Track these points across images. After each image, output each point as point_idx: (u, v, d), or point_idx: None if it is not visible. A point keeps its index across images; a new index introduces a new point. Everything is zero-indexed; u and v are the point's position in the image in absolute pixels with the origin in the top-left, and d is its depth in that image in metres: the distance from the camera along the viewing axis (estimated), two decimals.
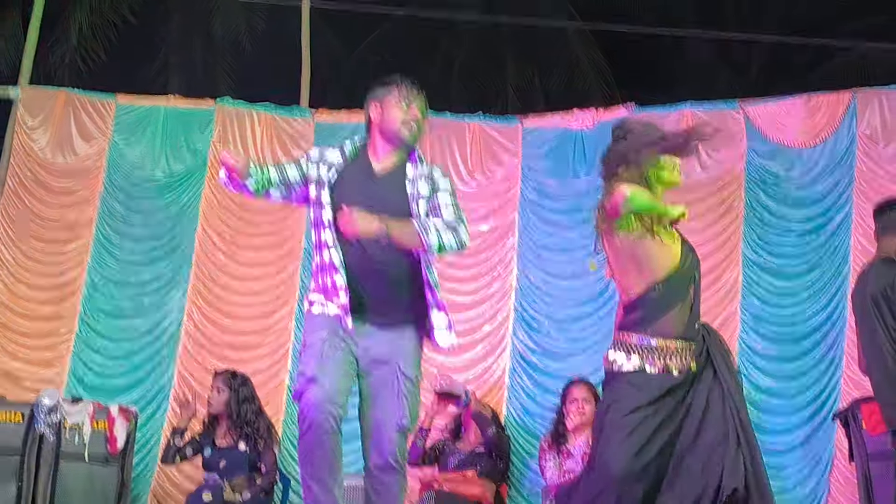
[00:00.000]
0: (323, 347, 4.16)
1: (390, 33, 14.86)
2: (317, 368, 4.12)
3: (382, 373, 4.18)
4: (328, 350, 4.16)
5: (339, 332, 4.18)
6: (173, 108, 8.37)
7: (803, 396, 7.20)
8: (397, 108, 4.37)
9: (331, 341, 4.17)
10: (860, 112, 7.63)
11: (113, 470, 6.59)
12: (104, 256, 8.01)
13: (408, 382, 4.19)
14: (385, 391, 4.17)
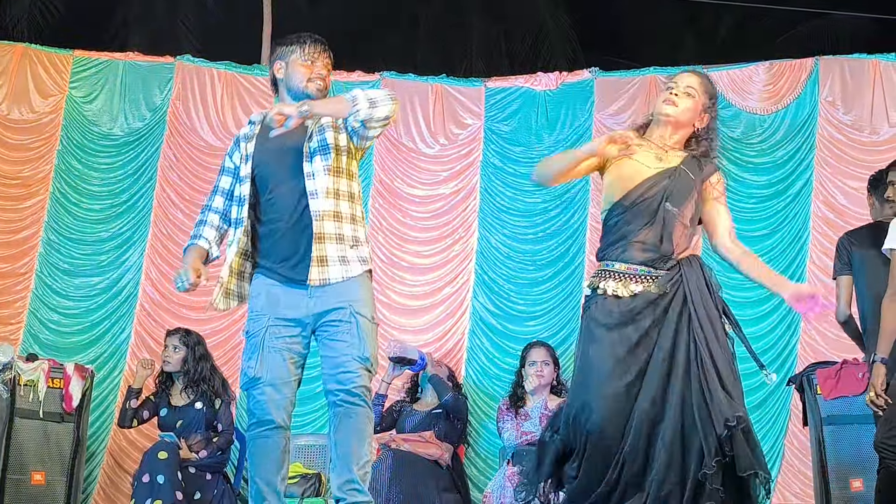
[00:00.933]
0: (264, 338, 4.17)
1: None
2: (259, 364, 4.16)
3: (338, 316, 4.14)
4: (269, 341, 4.17)
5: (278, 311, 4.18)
6: (132, 63, 8.25)
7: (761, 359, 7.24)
8: (302, 66, 4.36)
9: (271, 329, 4.18)
10: (822, 79, 7.66)
11: (68, 427, 6.58)
12: (61, 214, 7.92)
13: (364, 321, 4.15)
14: (343, 330, 4.13)
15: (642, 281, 3.97)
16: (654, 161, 4.09)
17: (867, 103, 7.52)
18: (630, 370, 3.88)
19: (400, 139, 8.18)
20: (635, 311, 3.93)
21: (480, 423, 7.56)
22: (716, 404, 3.83)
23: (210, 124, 8.14)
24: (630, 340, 3.90)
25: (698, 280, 3.98)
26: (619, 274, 4.00)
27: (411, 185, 8.17)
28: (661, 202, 3.99)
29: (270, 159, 4.26)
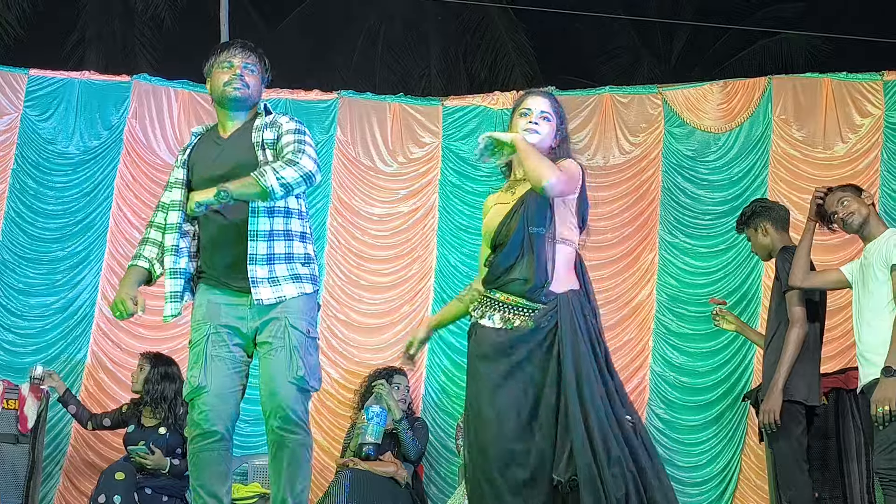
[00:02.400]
0: (206, 347, 4.13)
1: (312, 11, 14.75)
2: (203, 374, 4.10)
3: (272, 331, 4.11)
4: (212, 349, 4.13)
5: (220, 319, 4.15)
6: (88, 82, 8.19)
7: (716, 374, 7.31)
8: (220, 72, 4.31)
9: (213, 337, 4.14)
10: (775, 97, 7.76)
11: (24, 449, 6.52)
12: (16, 233, 7.83)
13: (299, 335, 4.11)
14: (276, 349, 4.09)
15: (517, 313, 3.92)
16: (509, 195, 4.10)
17: (820, 121, 7.63)
18: (498, 405, 3.84)
19: (358, 157, 8.18)
20: (507, 345, 3.89)
21: (440, 441, 7.56)
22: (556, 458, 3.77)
23: (167, 143, 8.10)
24: (499, 374, 3.87)
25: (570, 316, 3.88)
26: (498, 304, 3.97)
27: (369, 203, 8.17)
28: (525, 230, 3.96)
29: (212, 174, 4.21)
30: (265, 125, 4.27)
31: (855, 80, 7.63)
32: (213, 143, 4.33)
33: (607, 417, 3.79)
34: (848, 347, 6.76)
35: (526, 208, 3.98)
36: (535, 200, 3.97)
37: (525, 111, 4.16)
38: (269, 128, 4.26)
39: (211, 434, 4.08)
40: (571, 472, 3.70)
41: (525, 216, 3.97)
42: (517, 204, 4.02)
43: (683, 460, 7.35)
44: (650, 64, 15.31)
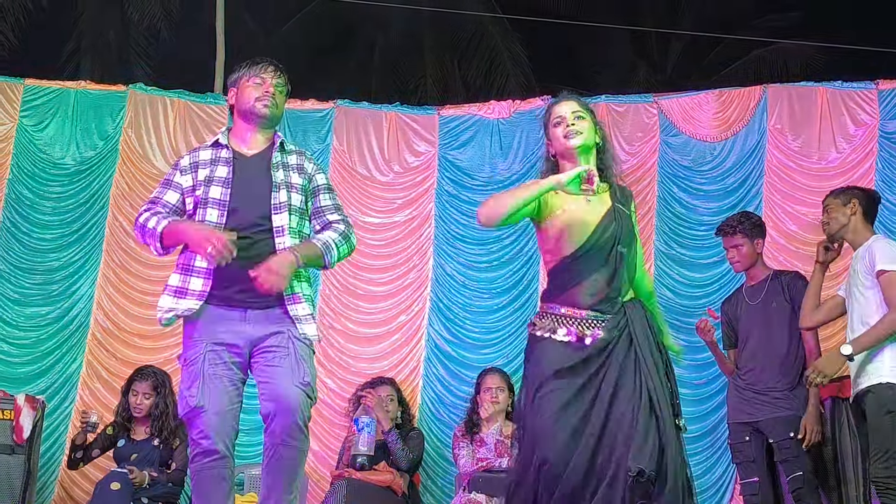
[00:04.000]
0: (203, 366, 4.08)
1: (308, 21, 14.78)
2: (201, 393, 4.05)
3: (275, 342, 4.10)
4: (209, 368, 4.08)
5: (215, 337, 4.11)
6: (84, 92, 8.20)
7: (710, 386, 7.30)
8: (251, 88, 4.33)
9: (209, 355, 4.10)
10: (771, 107, 7.75)
11: (19, 459, 6.50)
12: (11, 243, 7.83)
13: (302, 345, 4.12)
14: (280, 356, 4.08)
15: (590, 326, 3.95)
16: (591, 208, 4.07)
17: (815, 130, 7.63)
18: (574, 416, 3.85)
19: (354, 167, 8.19)
20: (582, 358, 3.91)
21: (436, 450, 7.55)
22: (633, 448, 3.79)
23: (163, 152, 8.10)
24: (576, 386, 3.88)
25: (642, 323, 3.97)
26: (567, 318, 3.99)
27: (366, 212, 8.17)
28: (615, 246, 4.00)
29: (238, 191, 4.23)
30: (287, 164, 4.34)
31: (850, 89, 7.64)
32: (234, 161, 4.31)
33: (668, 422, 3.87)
34: None
35: (619, 227, 4.03)
36: (624, 221, 4.05)
37: (557, 120, 4.19)
38: (293, 169, 4.33)
39: (212, 453, 4.05)
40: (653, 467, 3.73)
41: (617, 235, 4.02)
42: (608, 217, 4.04)
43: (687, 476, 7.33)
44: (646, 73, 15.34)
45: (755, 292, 6.14)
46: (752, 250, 6.13)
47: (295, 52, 14.19)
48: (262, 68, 4.37)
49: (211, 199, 4.21)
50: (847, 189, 5.60)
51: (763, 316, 6.03)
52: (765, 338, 6.00)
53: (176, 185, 4.33)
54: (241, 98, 4.36)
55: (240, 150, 4.35)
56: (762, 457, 5.96)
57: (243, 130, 4.39)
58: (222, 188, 4.22)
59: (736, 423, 6.05)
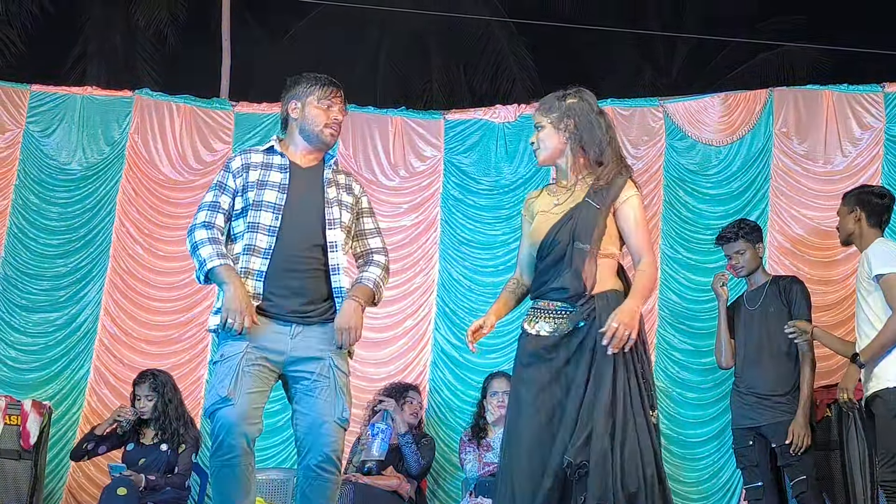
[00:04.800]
0: (241, 362, 4.11)
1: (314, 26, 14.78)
2: (232, 386, 4.07)
3: (315, 369, 4.15)
4: (245, 364, 4.11)
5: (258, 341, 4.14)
6: (90, 98, 8.21)
7: (718, 390, 7.29)
8: (318, 110, 4.35)
9: (248, 354, 4.13)
10: (776, 110, 7.74)
11: (26, 465, 6.52)
12: (18, 249, 7.85)
13: (342, 376, 4.18)
14: (321, 387, 4.14)
15: (557, 317, 4.05)
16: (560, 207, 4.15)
17: (821, 134, 7.61)
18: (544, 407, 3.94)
19: (360, 172, 8.19)
20: (549, 348, 4.01)
21: (443, 455, 7.54)
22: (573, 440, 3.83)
23: (169, 158, 8.11)
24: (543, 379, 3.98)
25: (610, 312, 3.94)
26: (542, 311, 4.12)
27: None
28: (570, 243, 4.05)
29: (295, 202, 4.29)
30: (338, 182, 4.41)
31: (856, 92, 7.62)
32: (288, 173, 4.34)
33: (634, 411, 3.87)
34: None
35: (575, 224, 4.06)
36: (584, 217, 4.06)
37: None
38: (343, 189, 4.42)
39: (234, 448, 4.07)
40: (584, 457, 3.75)
41: (573, 232, 4.05)
42: (565, 217, 4.10)
43: (687, 475, 7.33)
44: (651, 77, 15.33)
45: (754, 297, 6.20)
46: (754, 255, 6.20)
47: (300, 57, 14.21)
48: (333, 93, 4.39)
49: (266, 203, 4.24)
50: (852, 194, 5.61)
51: (761, 321, 6.08)
52: (764, 342, 6.05)
53: (229, 190, 4.36)
54: (307, 118, 4.37)
55: (294, 162, 4.39)
56: (766, 461, 5.98)
57: (300, 146, 4.43)
58: (277, 193, 4.27)
59: (739, 429, 6.07)
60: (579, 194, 4.14)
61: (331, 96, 4.37)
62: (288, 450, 7.54)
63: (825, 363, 6.71)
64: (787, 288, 6.10)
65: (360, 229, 4.50)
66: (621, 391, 3.85)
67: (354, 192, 4.49)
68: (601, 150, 4.15)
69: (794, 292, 6.04)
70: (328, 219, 4.26)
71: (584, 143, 4.16)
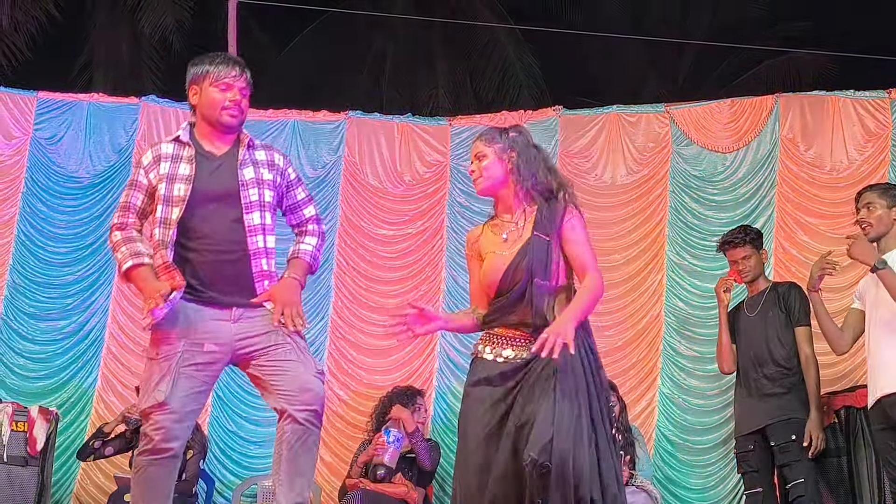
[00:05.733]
0: (177, 363, 4.02)
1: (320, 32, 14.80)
2: (168, 390, 3.99)
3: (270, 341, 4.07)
4: (182, 365, 4.03)
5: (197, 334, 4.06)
6: (97, 104, 8.23)
7: (724, 396, 7.27)
8: (214, 91, 4.18)
9: (185, 354, 4.03)
10: (783, 116, 7.73)
11: (33, 471, 6.53)
12: (26, 257, 7.86)
13: (300, 340, 4.11)
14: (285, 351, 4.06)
15: (516, 344, 4.03)
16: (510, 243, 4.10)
17: (827, 140, 7.59)
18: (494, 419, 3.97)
19: (366, 179, 8.20)
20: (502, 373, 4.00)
21: (449, 462, 7.52)
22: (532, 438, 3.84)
23: None
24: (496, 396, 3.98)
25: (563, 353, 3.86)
26: (499, 338, 4.08)
27: (377, 224, 8.18)
28: (529, 281, 4.00)
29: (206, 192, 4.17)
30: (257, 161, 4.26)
31: (862, 98, 7.61)
32: (198, 161, 4.19)
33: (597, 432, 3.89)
34: (858, 366, 6.75)
35: (530, 261, 4.02)
36: (538, 252, 4.03)
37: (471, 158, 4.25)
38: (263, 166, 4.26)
39: (164, 451, 4.00)
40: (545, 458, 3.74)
41: (530, 269, 4.02)
42: (518, 256, 4.05)
43: (692, 482, 7.32)
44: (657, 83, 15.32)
45: (754, 303, 6.23)
46: (758, 261, 6.25)
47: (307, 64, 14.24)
48: (227, 70, 4.20)
49: (175, 198, 4.10)
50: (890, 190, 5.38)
51: (761, 326, 6.11)
52: (763, 347, 6.06)
53: (140, 185, 4.21)
54: (204, 102, 4.20)
55: (205, 149, 4.23)
56: (767, 467, 5.98)
57: (208, 132, 4.26)
58: (185, 185, 4.10)
59: (741, 435, 6.10)
60: (527, 228, 4.10)
61: (227, 76, 4.17)
62: None
63: (832, 370, 6.72)
64: (785, 294, 6.13)
65: (293, 202, 4.35)
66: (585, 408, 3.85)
67: (278, 165, 4.29)
68: (541, 181, 4.15)
69: (792, 297, 6.08)
70: (244, 202, 4.12)
71: (524, 174, 4.14)
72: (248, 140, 4.29)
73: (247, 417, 7.66)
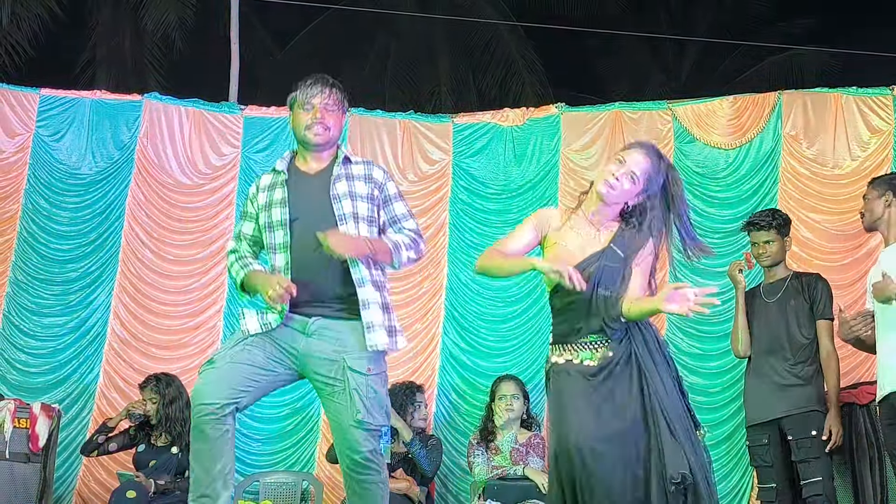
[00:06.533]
0: (246, 338, 4.16)
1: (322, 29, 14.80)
2: (223, 353, 4.15)
3: (329, 373, 4.15)
4: (249, 343, 4.14)
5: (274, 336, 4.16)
6: (99, 101, 8.24)
7: (727, 393, 7.28)
8: (300, 113, 4.32)
9: (257, 339, 4.15)
10: (785, 113, 7.72)
11: (35, 468, 6.53)
12: (28, 253, 7.87)
13: (356, 376, 4.14)
14: (337, 391, 4.14)
15: (596, 348, 4.06)
16: (584, 245, 4.14)
17: (829, 137, 7.59)
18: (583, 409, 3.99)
19: None
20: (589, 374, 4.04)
21: (451, 458, 7.54)
22: (666, 457, 3.88)
23: (178, 162, 8.13)
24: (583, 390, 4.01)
25: (644, 339, 4.07)
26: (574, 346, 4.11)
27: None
28: (595, 289, 4.04)
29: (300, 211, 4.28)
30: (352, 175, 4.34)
31: (864, 95, 7.60)
32: (296, 181, 4.34)
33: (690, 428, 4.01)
34: (860, 363, 6.76)
35: (601, 271, 4.07)
36: (609, 265, 4.08)
37: (617, 162, 4.20)
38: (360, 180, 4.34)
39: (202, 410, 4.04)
40: (687, 472, 3.83)
41: (597, 279, 4.05)
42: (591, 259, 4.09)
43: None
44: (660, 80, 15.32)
45: (773, 290, 6.16)
46: (781, 247, 6.20)
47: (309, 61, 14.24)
48: (309, 91, 4.33)
49: (274, 222, 4.27)
50: (884, 179, 5.53)
51: (780, 313, 6.06)
52: (783, 334, 6.02)
53: (249, 216, 4.44)
54: (294, 125, 4.37)
55: (302, 170, 4.38)
56: (781, 462, 5.94)
57: (303, 153, 4.41)
58: (281, 209, 4.26)
59: (754, 425, 6.04)
60: (605, 237, 4.16)
61: (310, 96, 4.31)
62: (296, 453, 7.57)
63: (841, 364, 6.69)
64: (811, 284, 6.09)
65: (392, 216, 4.42)
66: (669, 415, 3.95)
67: (375, 180, 4.38)
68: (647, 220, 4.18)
69: (818, 289, 6.05)
70: (337, 215, 4.22)
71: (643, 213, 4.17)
72: (344, 157, 4.38)
73: (250, 414, 7.65)
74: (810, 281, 6.13)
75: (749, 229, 6.29)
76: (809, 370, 5.95)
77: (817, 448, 5.78)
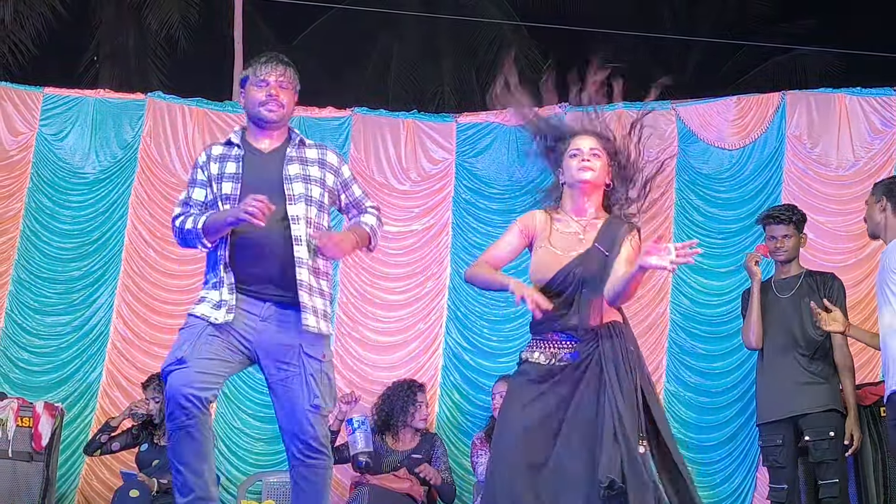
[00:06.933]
0: (205, 330, 4.08)
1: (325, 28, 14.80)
2: (189, 349, 4.03)
3: (288, 357, 4.12)
4: (209, 333, 4.07)
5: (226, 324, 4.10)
6: (103, 100, 8.24)
7: (730, 394, 7.28)
8: (254, 90, 4.28)
9: (214, 327, 4.09)
10: (789, 113, 7.72)
11: (38, 467, 6.55)
12: (31, 252, 7.87)
13: (313, 362, 4.13)
14: (291, 376, 4.11)
15: (563, 347, 4.07)
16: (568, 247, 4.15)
17: (833, 137, 7.58)
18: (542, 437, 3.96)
19: (372, 175, 8.19)
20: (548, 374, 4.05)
21: (454, 458, 7.53)
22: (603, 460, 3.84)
23: (181, 161, 8.12)
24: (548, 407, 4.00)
25: (613, 345, 4.02)
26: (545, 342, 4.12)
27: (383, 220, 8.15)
28: (578, 290, 4.06)
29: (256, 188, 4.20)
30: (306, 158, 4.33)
31: (868, 96, 7.60)
32: (248, 159, 4.30)
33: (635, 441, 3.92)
34: (864, 364, 6.74)
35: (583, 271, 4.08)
36: (593, 265, 4.08)
37: (574, 152, 4.29)
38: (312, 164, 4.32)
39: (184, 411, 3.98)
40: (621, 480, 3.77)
41: (581, 279, 4.07)
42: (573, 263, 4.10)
43: (698, 480, 7.27)
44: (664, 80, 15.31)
45: (786, 286, 6.11)
46: (797, 243, 6.14)
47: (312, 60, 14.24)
48: (264, 67, 4.29)
49: (223, 195, 4.22)
50: (882, 184, 5.50)
51: (795, 310, 6.00)
52: (797, 331, 5.97)
53: (201, 182, 4.33)
54: (247, 101, 4.32)
55: (254, 147, 4.33)
56: (794, 463, 5.90)
57: (255, 131, 4.36)
58: (233, 183, 4.22)
59: (768, 423, 5.99)
60: (589, 236, 4.17)
61: (265, 73, 4.27)
62: None
63: None
64: (826, 283, 6.05)
65: (354, 198, 4.48)
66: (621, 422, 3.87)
67: (329, 164, 4.38)
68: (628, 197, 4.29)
69: (834, 288, 6.01)
70: (287, 195, 4.17)
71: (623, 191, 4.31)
72: (300, 138, 4.37)
73: (252, 414, 7.67)
74: (826, 280, 6.09)
75: (767, 222, 6.22)
76: (827, 368, 5.90)
77: (835, 450, 5.73)
